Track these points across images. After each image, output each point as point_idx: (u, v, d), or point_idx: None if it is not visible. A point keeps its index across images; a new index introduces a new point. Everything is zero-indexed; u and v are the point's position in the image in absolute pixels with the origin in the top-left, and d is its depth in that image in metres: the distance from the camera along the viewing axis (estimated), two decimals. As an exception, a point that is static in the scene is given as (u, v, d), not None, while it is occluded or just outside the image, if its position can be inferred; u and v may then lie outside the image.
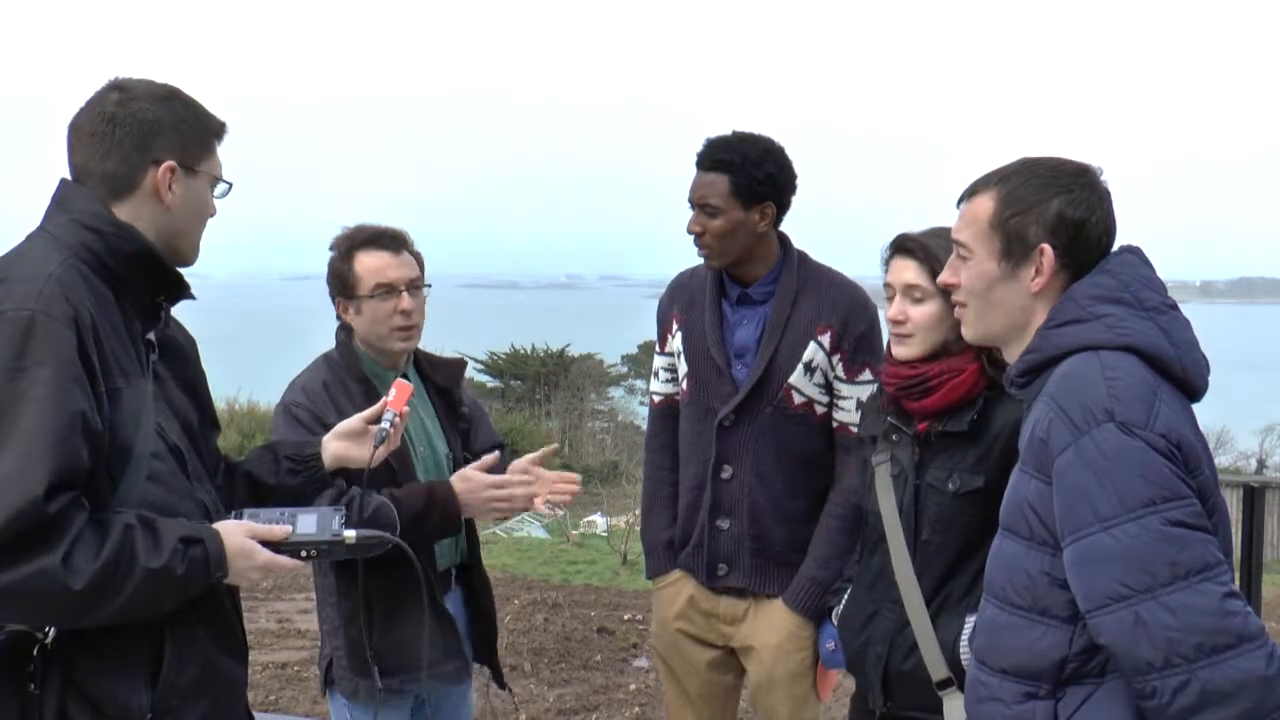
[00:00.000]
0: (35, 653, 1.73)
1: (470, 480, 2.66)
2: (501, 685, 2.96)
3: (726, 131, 2.87)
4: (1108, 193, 1.85)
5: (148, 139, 1.87)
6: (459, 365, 2.98)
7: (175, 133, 1.90)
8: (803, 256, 2.94)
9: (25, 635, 1.73)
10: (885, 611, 2.40)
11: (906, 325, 2.36)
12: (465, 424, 2.90)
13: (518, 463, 2.77)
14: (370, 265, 2.70)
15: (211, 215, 2.01)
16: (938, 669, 2.29)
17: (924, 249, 2.35)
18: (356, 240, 2.73)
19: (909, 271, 2.37)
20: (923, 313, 2.34)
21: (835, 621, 2.61)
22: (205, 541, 1.81)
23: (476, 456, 2.86)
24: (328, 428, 2.62)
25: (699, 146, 2.87)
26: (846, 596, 2.57)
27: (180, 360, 2.04)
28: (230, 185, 2.02)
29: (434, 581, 2.68)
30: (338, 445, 2.33)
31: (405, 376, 2.67)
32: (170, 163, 1.88)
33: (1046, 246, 1.81)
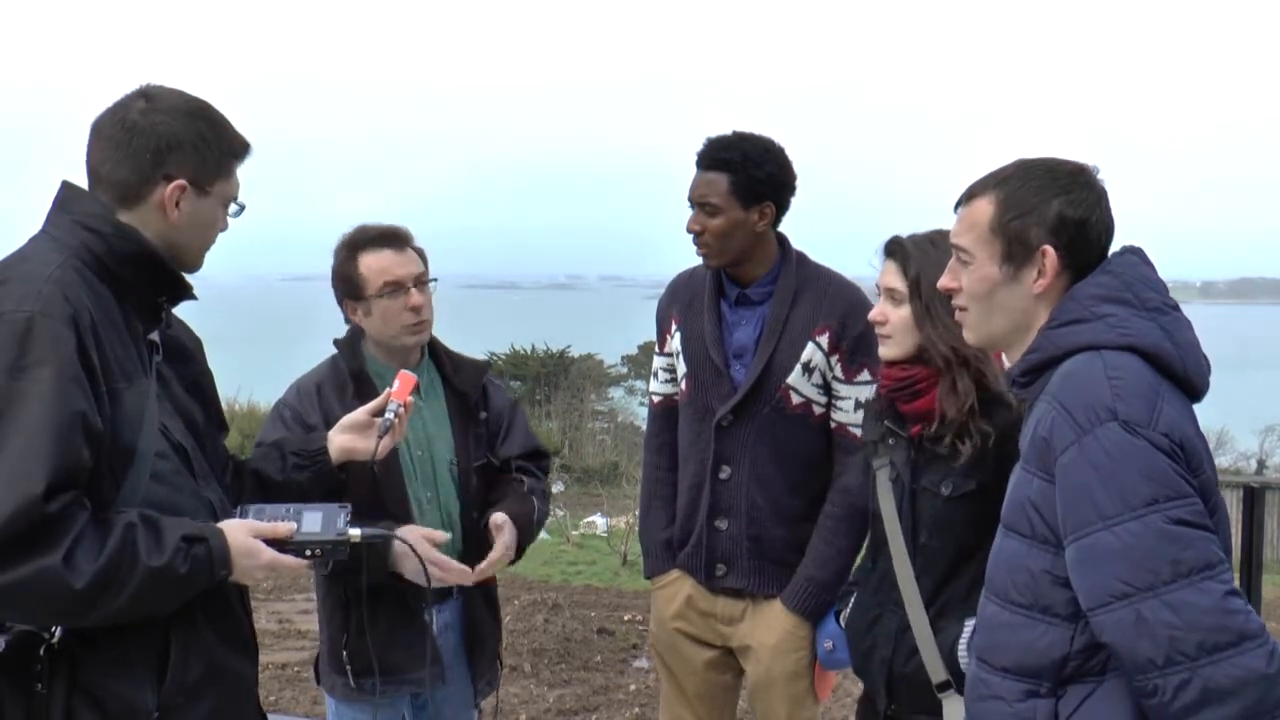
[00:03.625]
0: (42, 652, 1.73)
1: (421, 536, 2.57)
2: (475, 694, 2.89)
3: (727, 131, 2.87)
4: (1105, 191, 1.86)
5: (163, 154, 1.87)
6: (480, 369, 2.92)
7: (193, 151, 1.89)
8: (801, 257, 2.94)
9: (32, 635, 1.73)
10: (889, 614, 2.42)
11: (886, 326, 2.40)
12: (481, 429, 2.85)
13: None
14: (375, 265, 2.70)
15: (222, 230, 2.01)
16: (936, 671, 2.29)
17: (903, 252, 2.37)
18: (359, 241, 2.74)
19: (889, 274, 2.40)
20: (899, 315, 2.37)
21: (843, 624, 2.62)
22: (208, 540, 1.81)
23: (503, 463, 2.87)
24: (309, 428, 2.65)
25: (700, 145, 2.88)
26: (853, 599, 2.59)
27: (185, 361, 2.05)
28: (243, 207, 2.01)
29: (422, 592, 2.66)
30: (343, 439, 2.35)
31: (415, 373, 2.66)
32: (181, 181, 1.88)
33: (1049, 248, 1.81)
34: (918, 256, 2.33)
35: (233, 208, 2.00)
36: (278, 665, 5.94)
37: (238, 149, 1.97)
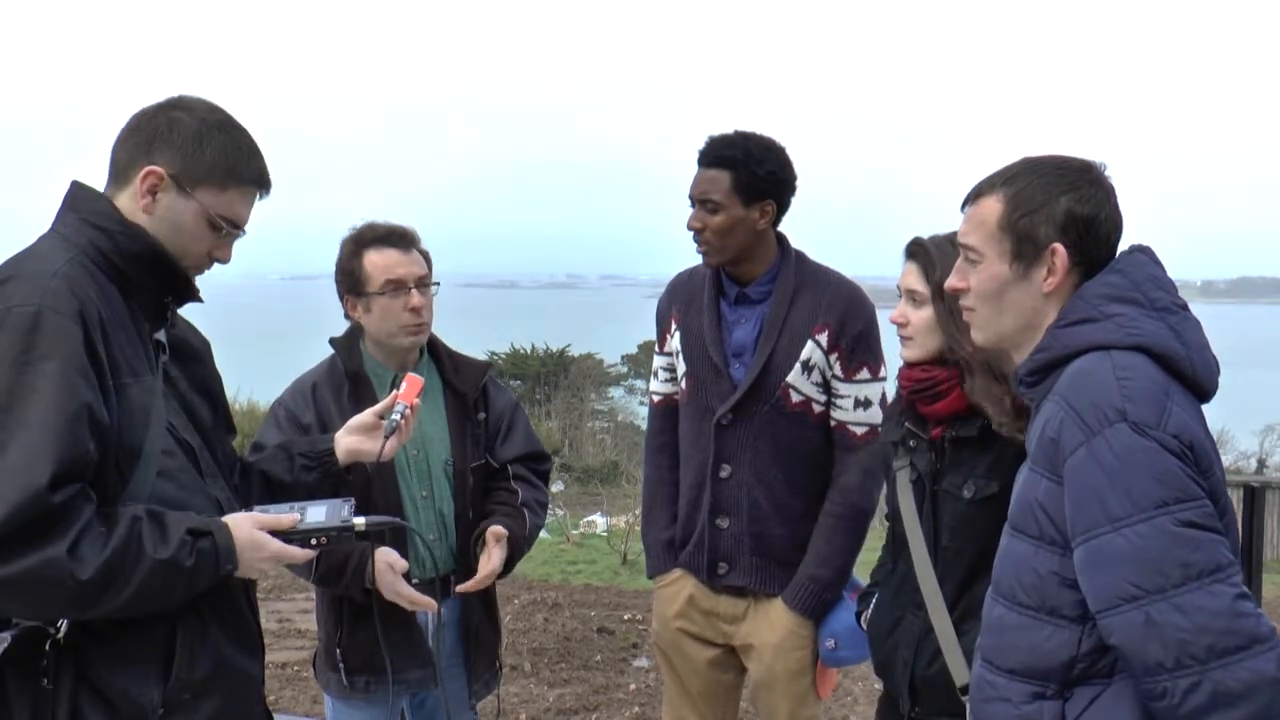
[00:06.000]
0: (48, 648, 1.73)
1: (387, 565, 2.62)
2: (471, 694, 2.89)
3: (729, 129, 2.87)
4: (1113, 188, 1.84)
5: (155, 141, 1.88)
6: (480, 369, 2.92)
7: (184, 146, 1.88)
8: (800, 256, 2.94)
9: (38, 630, 1.73)
10: (911, 617, 2.40)
11: (907, 328, 2.39)
12: (479, 429, 2.85)
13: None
14: (380, 263, 2.71)
15: (216, 256, 1.96)
16: (960, 674, 2.27)
17: (925, 254, 2.36)
18: (366, 238, 2.74)
19: (911, 275, 2.40)
20: (920, 316, 2.37)
21: (865, 627, 2.62)
22: (214, 534, 1.81)
23: (502, 466, 2.88)
24: (303, 427, 2.68)
25: (701, 144, 2.87)
26: (874, 602, 2.58)
27: (193, 361, 2.05)
28: (241, 234, 1.98)
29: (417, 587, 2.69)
30: (350, 440, 2.35)
31: (417, 373, 2.65)
32: (158, 169, 1.87)
33: (1058, 246, 1.79)
34: (939, 258, 2.31)
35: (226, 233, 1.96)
36: (278, 664, 5.94)
37: (243, 172, 1.93)
